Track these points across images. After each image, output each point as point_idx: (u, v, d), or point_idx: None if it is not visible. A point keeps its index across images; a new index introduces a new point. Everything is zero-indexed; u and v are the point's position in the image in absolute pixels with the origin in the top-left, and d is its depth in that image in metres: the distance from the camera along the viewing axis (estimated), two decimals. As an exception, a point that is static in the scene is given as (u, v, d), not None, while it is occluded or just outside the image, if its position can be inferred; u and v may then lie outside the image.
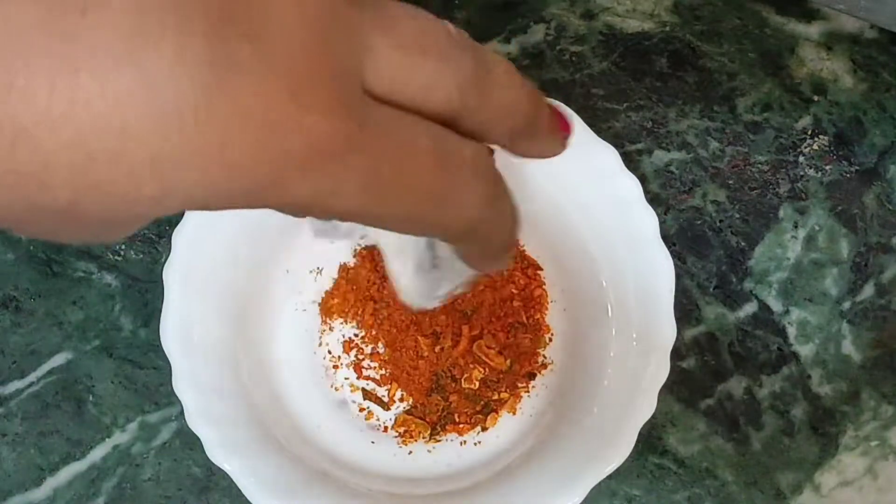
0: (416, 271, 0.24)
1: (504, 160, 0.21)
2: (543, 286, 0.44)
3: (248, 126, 0.14)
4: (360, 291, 0.44)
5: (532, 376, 0.44)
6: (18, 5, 0.13)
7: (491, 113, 0.19)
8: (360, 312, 0.44)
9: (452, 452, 0.43)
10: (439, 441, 0.43)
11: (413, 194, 0.17)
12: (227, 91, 0.14)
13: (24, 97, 0.13)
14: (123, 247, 0.45)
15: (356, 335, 0.44)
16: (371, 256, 0.44)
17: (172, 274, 0.39)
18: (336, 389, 0.44)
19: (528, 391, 0.43)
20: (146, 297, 0.45)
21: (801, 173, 0.46)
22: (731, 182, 0.46)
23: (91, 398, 0.44)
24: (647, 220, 0.40)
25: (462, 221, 0.18)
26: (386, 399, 0.44)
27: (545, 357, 0.44)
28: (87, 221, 0.15)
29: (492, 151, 0.20)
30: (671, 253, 0.40)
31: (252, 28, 0.15)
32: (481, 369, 0.43)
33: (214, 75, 0.14)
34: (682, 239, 0.46)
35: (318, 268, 0.45)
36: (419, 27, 0.17)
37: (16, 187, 0.14)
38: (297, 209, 0.16)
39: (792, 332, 0.45)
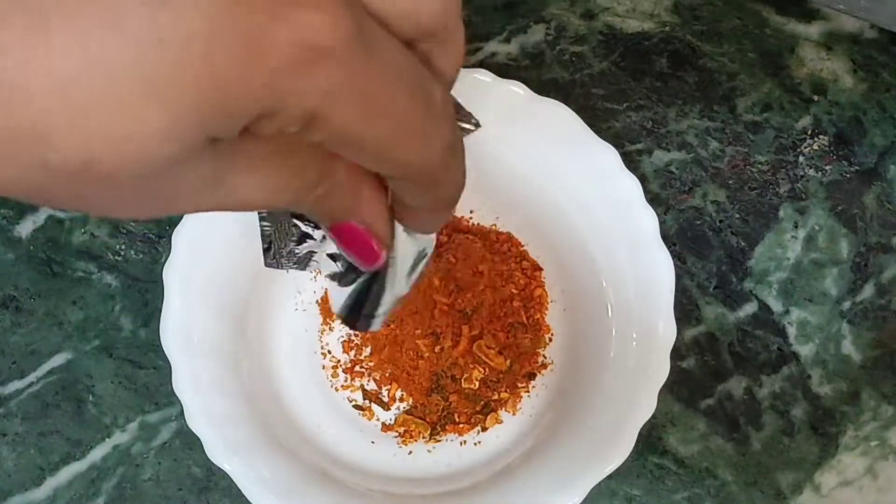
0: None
1: (501, 160, 0.21)
2: (543, 286, 0.44)
3: (232, 29, 0.14)
4: (360, 291, 0.44)
5: (532, 376, 0.44)
6: None
7: (458, 40, 0.19)
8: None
9: (452, 452, 0.43)
10: (439, 441, 0.43)
11: (395, 118, 0.17)
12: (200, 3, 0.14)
13: (2, 55, 0.13)
14: (123, 247, 0.45)
15: (356, 335, 0.44)
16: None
17: (172, 274, 0.39)
18: (336, 389, 0.44)
19: (528, 391, 0.43)
20: (146, 297, 0.45)
21: (801, 173, 0.46)
22: (731, 182, 0.46)
23: (91, 398, 0.44)
24: (647, 220, 0.40)
25: (426, 160, 0.18)
26: (386, 399, 0.44)
27: (545, 357, 0.44)
28: (118, 181, 0.15)
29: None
30: (671, 253, 0.40)
31: None
32: (481, 369, 0.43)
33: None
34: (682, 239, 0.46)
35: (317, 268, 0.45)
36: None
37: (20, 145, 0.14)
38: (294, 124, 0.16)
39: (792, 332, 0.45)
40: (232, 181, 0.17)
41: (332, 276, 0.25)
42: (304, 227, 0.25)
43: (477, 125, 0.23)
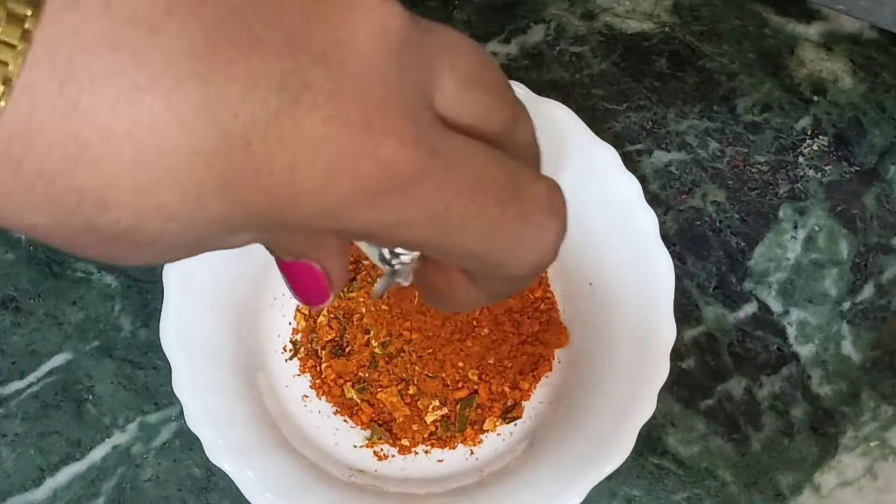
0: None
1: None
2: (543, 287, 0.44)
3: (319, 152, 0.14)
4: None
5: (533, 377, 0.44)
6: (86, 18, 0.13)
7: (518, 147, 0.18)
8: (359, 313, 0.44)
9: (452, 452, 0.43)
10: (439, 441, 0.43)
11: (484, 228, 0.16)
12: (299, 116, 0.14)
13: (88, 115, 0.13)
14: (123, 247, 0.45)
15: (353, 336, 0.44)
16: (371, 257, 0.44)
17: (172, 274, 0.39)
18: (335, 390, 0.44)
19: (528, 391, 0.43)
20: (146, 297, 0.45)
21: (801, 173, 0.46)
22: (730, 182, 0.46)
23: (91, 398, 0.44)
24: (647, 221, 0.40)
25: (530, 263, 0.17)
26: (385, 399, 0.44)
27: (545, 357, 0.44)
28: (146, 245, 0.15)
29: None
30: (671, 253, 0.40)
31: (326, 52, 0.14)
32: (481, 370, 0.43)
33: (286, 100, 0.14)
34: (682, 239, 0.46)
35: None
36: (477, 58, 0.17)
37: (76, 208, 0.14)
38: (361, 236, 0.16)
39: (792, 332, 0.45)
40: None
41: None
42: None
43: None
